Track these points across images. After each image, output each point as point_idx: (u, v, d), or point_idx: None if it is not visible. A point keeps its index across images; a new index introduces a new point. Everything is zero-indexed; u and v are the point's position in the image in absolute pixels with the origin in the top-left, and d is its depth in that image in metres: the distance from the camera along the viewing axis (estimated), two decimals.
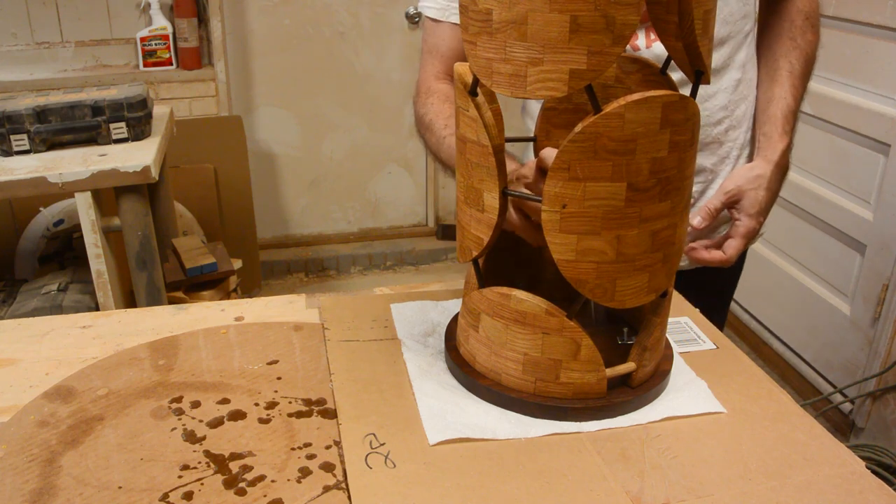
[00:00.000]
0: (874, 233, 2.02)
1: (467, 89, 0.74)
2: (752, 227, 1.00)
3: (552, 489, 0.69)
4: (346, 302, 1.01)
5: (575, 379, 0.77)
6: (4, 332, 0.96)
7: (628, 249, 0.72)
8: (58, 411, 0.80)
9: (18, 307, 1.77)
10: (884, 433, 2.03)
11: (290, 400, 0.82)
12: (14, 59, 2.59)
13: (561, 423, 0.77)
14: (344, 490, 0.68)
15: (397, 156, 3.20)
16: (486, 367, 0.81)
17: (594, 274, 0.73)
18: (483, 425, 0.76)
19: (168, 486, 0.69)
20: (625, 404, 0.79)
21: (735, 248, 0.99)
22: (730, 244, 0.99)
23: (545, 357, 0.76)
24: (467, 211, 0.79)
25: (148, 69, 2.61)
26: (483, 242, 0.78)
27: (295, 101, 3.00)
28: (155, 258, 1.73)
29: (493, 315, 0.78)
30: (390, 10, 2.97)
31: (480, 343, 0.81)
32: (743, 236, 1.00)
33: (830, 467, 0.72)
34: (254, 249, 2.77)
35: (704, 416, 0.79)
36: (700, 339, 0.94)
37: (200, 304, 1.04)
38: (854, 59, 2.07)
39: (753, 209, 1.00)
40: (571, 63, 0.65)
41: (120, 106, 1.69)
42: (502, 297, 0.77)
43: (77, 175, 1.56)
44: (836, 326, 2.19)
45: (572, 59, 0.65)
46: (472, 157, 0.76)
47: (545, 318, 0.75)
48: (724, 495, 0.68)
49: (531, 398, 0.78)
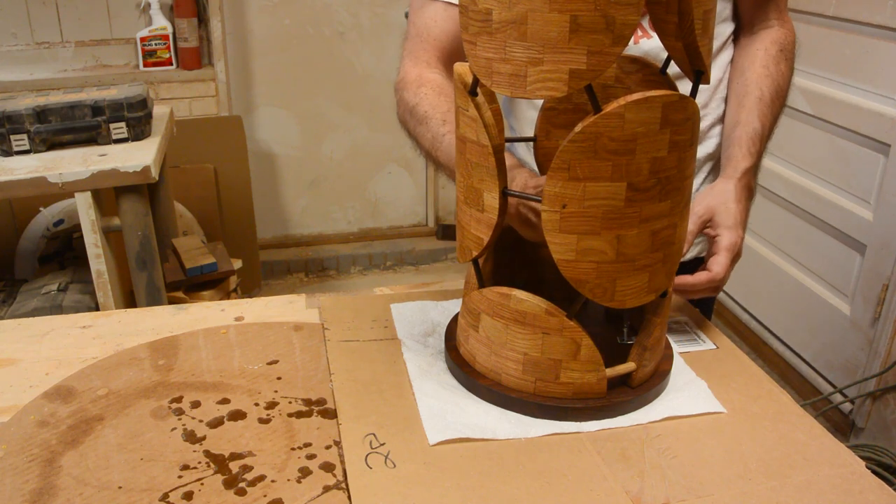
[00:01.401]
0: (874, 233, 2.02)
1: (467, 89, 0.74)
2: (734, 240, 0.93)
3: (552, 489, 0.69)
4: (346, 302, 1.01)
5: (575, 379, 0.77)
6: (4, 332, 0.96)
7: (628, 249, 0.72)
8: (58, 411, 0.80)
9: (18, 307, 1.77)
10: (884, 433, 2.03)
11: (290, 400, 0.82)
12: (14, 59, 2.59)
13: (561, 423, 0.77)
14: (344, 490, 0.68)
15: (397, 156, 3.20)
16: (486, 367, 0.81)
17: (594, 274, 0.73)
18: (483, 425, 0.76)
19: (168, 486, 0.69)
20: (625, 404, 0.79)
21: (721, 264, 0.91)
22: (714, 261, 0.92)
23: (545, 357, 0.76)
24: (467, 211, 0.79)
25: (148, 69, 2.61)
26: (483, 242, 0.78)
27: (295, 101, 3.00)
28: (155, 258, 1.73)
29: (493, 315, 0.78)
30: (390, 10, 2.96)
31: (480, 343, 0.81)
32: (726, 249, 0.93)
33: (830, 467, 0.72)
34: (254, 249, 2.77)
35: (704, 416, 0.79)
36: (700, 339, 0.94)
37: (200, 304, 1.03)
38: (854, 59, 2.07)
39: (730, 221, 0.95)
40: (571, 63, 0.65)
41: (120, 106, 1.69)
42: (502, 297, 0.77)
43: (77, 175, 1.56)
44: (836, 326, 2.19)
45: (572, 59, 0.65)
46: (472, 157, 0.76)
47: (545, 318, 0.75)
48: (724, 495, 0.68)
49: (531, 398, 0.78)
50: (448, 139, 0.96)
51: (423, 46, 1.06)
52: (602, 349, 0.77)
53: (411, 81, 1.03)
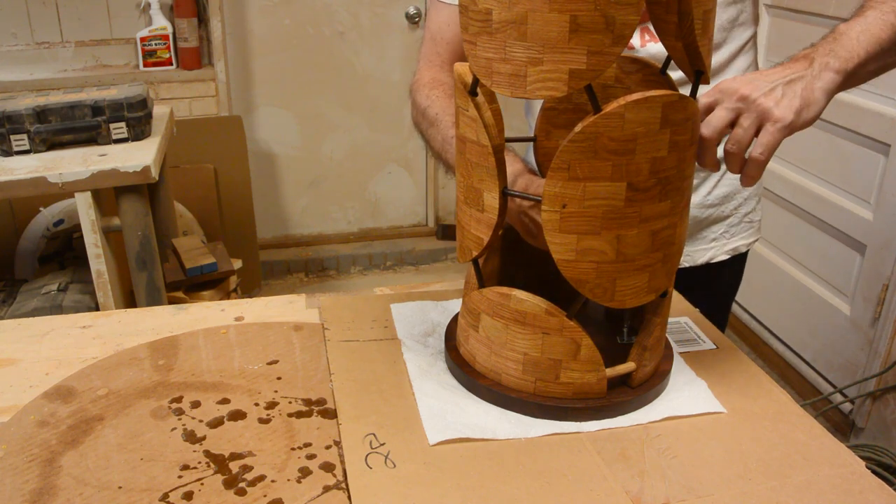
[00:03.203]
0: (874, 233, 2.02)
1: (467, 89, 0.74)
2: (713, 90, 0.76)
3: (552, 489, 0.69)
4: (346, 302, 1.01)
5: (575, 379, 0.77)
6: (4, 332, 0.96)
7: (628, 249, 0.72)
8: (58, 411, 0.80)
9: (18, 307, 1.77)
10: (884, 433, 2.03)
11: (290, 400, 0.82)
12: (14, 59, 2.59)
13: (561, 423, 0.77)
14: (344, 490, 0.68)
15: (397, 156, 3.20)
16: (486, 367, 0.81)
17: (594, 274, 0.73)
18: (483, 425, 0.76)
19: (168, 486, 0.69)
20: (625, 404, 0.79)
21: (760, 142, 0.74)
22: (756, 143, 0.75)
23: (545, 357, 0.76)
24: (467, 211, 0.79)
25: (148, 69, 2.61)
26: (483, 242, 0.78)
27: (295, 101, 3.00)
28: (155, 258, 1.73)
29: (493, 315, 0.78)
30: (390, 10, 2.96)
31: (480, 343, 0.81)
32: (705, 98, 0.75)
33: (830, 467, 0.72)
34: (254, 249, 2.77)
35: (704, 415, 0.79)
36: (700, 339, 0.94)
37: (200, 304, 1.04)
38: None
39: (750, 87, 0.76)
40: (571, 63, 0.65)
41: (120, 106, 1.69)
42: (502, 297, 0.77)
43: (77, 175, 1.56)
44: (836, 326, 2.19)
45: (572, 58, 0.65)
46: (471, 157, 0.76)
47: (545, 318, 0.75)
48: (724, 495, 0.68)
49: (531, 398, 0.78)
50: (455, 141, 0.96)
51: (437, 49, 1.07)
52: (602, 349, 0.77)
53: (424, 84, 1.05)
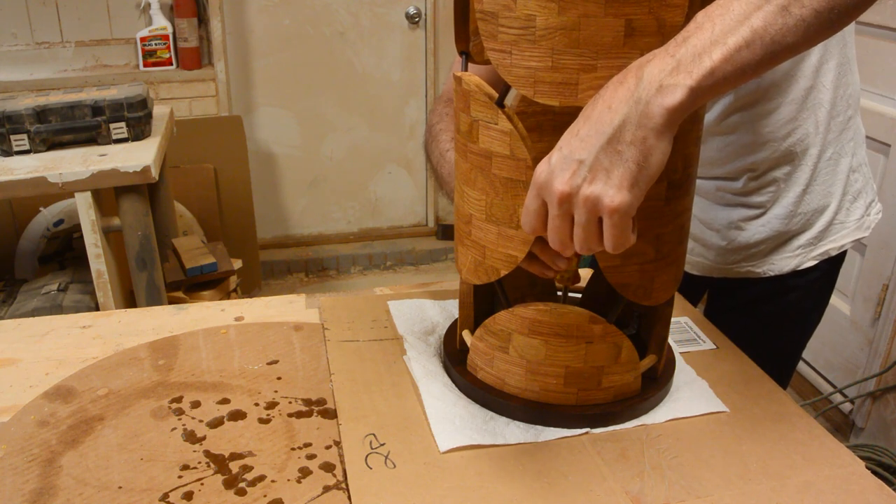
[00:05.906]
0: (874, 233, 2.02)
1: (493, 101, 0.70)
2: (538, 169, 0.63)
3: (552, 490, 0.68)
4: (346, 302, 1.01)
5: (615, 382, 0.77)
6: (4, 332, 0.96)
7: (664, 247, 0.73)
8: (58, 411, 0.80)
9: (18, 307, 1.77)
10: (884, 433, 2.03)
11: (290, 400, 0.82)
12: (14, 59, 2.59)
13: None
14: (344, 490, 0.68)
15: (397, 156, 3.20)
16: (521, 388, 0.78)
17: (637, 276, 0.73)
18: (493, 430, 0.76)
19: (168, 486, 0.69)
20: (654, 399, 0.80)
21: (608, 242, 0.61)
22: None
23: (588, 366, 0.76)
24: (492, 229, 0.74)
25: (148, 69, 2.61)
26: (516, 260, 0.74)
27: (295, 101, 3.00)
28: (155, 258, 1.73)
29: (530, 333, 0.76)
30: (390, 10, 2.96)
31: (512, 364, 0.78)
32: None
33: (830, 467, 0.72)
34: (254, 249, 2.77)
35: (705, 416, 0.79)
36: (700, 339, 0.94)
37: (200, 304, 1.03)
38: None
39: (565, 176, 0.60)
40: (625, 68, 0.63)
41: (120, 106, 1.69)
42: (540, 312, 0.75)
43: (77, 175, 1.56)
44: (836, 326, 2.19)
45: (626, 63, 0.62)
46: (501, 172, 0.71)
47: (589, 326, 0.74)
48: (724, 495, 0.68)
49: (573, 410, 0.77)
50: (449, 157, 0.96)
51: None
52: None
53: (441, 101, 1.06)
